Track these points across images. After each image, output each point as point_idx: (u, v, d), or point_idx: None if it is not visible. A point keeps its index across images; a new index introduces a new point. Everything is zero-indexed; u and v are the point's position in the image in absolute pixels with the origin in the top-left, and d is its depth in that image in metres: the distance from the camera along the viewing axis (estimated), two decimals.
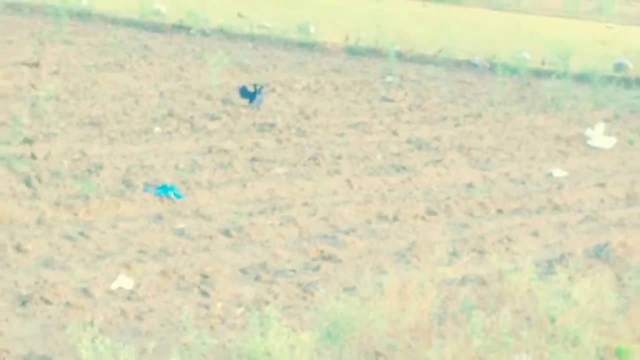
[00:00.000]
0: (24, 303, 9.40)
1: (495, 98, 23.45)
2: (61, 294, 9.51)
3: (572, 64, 26.25)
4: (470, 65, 27.73)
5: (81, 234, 11.53)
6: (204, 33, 29.12)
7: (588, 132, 20.65)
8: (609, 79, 25.52)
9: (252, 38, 29.13)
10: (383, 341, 8.01)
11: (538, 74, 26.36)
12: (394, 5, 39.68)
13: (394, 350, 8.01)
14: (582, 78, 25.77)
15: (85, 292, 9.66)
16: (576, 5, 44.60)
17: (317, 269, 11.19)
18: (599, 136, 20.32)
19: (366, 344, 8.02)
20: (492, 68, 26.76)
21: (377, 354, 8.08)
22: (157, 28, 29.57)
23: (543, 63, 27.29)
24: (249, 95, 20.44)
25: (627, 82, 25.99)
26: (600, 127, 20.66)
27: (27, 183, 13.35)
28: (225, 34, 29.28)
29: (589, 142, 19.93)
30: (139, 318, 9.32)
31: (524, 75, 26.12)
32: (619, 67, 27.73)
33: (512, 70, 26.05)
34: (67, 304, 9.36)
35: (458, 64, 27.62)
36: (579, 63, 26.74)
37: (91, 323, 7.90)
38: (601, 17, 42.06)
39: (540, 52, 28.01)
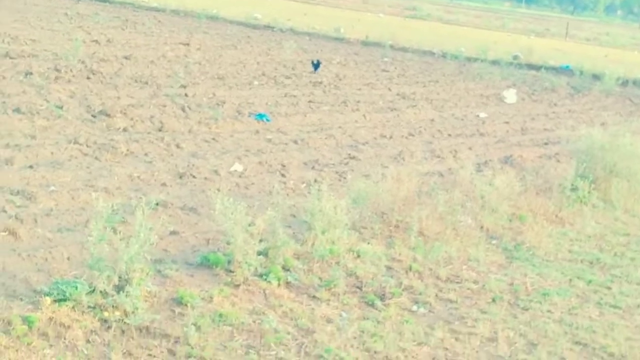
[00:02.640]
0: (180, 177, 14.07)
1: (446, 72, 35.57)
2: (202, 172, 14.44)
3: (489, 55, 40.54)
4: (432, 54, 42.20)
5: (213, 139, 17.18)
6: (281, 30, 44.92)
7: (504, 93, 29.85)
8: (510, 64, 39.42)
9: (308, 34, 44.61)
10: (386, 205, 12.76)
11: (469, 59, 39.94)
12: (390, 19, 67.06)
13: (392, 211, 12.70)
14: (494, 62, 38.97)
15: (215, 172, 14.64)
16: (489, 21, 79.84)
17: (347, 163, 16.91)
18: (509, 95, 29.40)
19: (376, 207, 12.67)
20: (444, 56, 41.55)
21: (382, 212, 12.70)
22: (255, 26, 45.09)
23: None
24: (315, 66, 30.22)
25: (520, 65, 39.98)
26: (510, 91, 30.11)
27: (182, 109, 19.29)
28: (294, 32, 44.62)
29: (504, 99, 28.01)
30: (246, 188, 14.13)
31: (462, 60, 40.12)
32: (515, 57, 42.21)
33: (455, 57, 40.92)
34: (205, 178, 14.22)
35: (425, 53, 42.20)
36: (492, 54, 41.01)
37: (218, 189, 13.36)
38: (504, 29, 72.71)
39: (471, 47, 42.45)
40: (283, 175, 15.43)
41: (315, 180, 15.12)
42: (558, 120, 26.62)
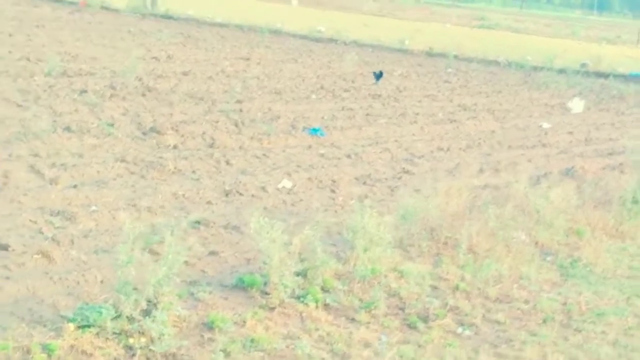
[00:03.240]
0: (226, 194, 13.88)
1: (510, 82, 34.49)
2: (249, 189, 14.23)
3: (555, 63, 39.49)
4: (497, 63, 41.11)
5: (264, 155, 16.95)
6: (345, 43, 43.96)
7: (569, 103, 28.90)
8: (577, 72, 38.05)
9: (372, 46, 43.89)
10: (435, 221, 12.26)
11: (535, 68, 38.81)
12: (456, 29, 66.87)
13: (441, 227, 12.21)
14: (560, 71, 37.64)
15: (263, 189, 14.41)
16: (559, 29, 79.11)
17: (400, 178, 16.54)
18: (575, 105, 28.50)
19: (425, 223, 12.20)
20: (509, 65, 40.31)
21: (432, 229, 12.23)
22: (318, 40, 44.55)
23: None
24: (377, 76, 30.10)
25: (587, 74, 38.54)
26: (575, 100, 29.15)
27: (236, 125, 19.10)
28: (357, 44, 43.73)
29: (570, 109, 26.92)
30: (292, 205, 13.83)
31: (527, 69, 39.00)
32: (583, 65, 40.91)
33: (520, 66, 39.65)
34: (252, 195, 14.02)
35: (490, 63, 41.12)
36: (560, 63, 39.83)
37: (264, 207, 13.11)
38: (574, 37, 70.98)
39: (538, 56, 41.78)
40: (333, 191, 15.13)
41: (366, 196, 14.82)
42: (624, 129, 25.81)
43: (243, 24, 47.63)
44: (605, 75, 38.52)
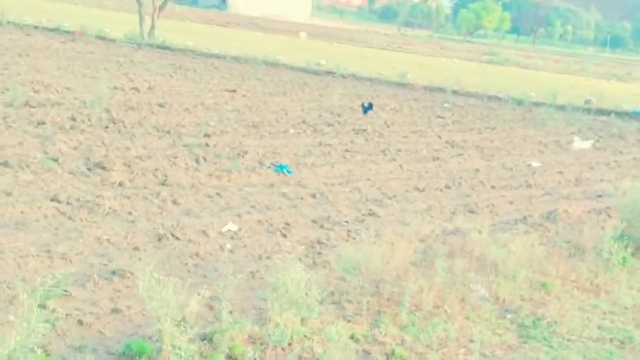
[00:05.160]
0: (159, 239, 12.41)
1: (507, 118, 33.27)
2: (187, 233, 12.84)
3: (558, 100, 38.11)
4: (497, 98, 39.73)
5: (218, 194, 15.70)
6: (343, 76, 43.21)
7: (575, 142, 27.98)
8: (577, 109, 36.71)
9: (371, 80, 43.02)
10: (379, 274, 10.92)
11: (536, 104, 37.64)
12: (460, 64, 67.11)
13: (384, 281, 10.85)
14: (561, 108, 36.55)
15: (204, 232, 13.07)
16: (568, 66, 79.01)
17: (362, 221, 15.20)
18: (580, 142, 27.61)
19: (369, 276, 10.85)
20: (509, 100, 38.80)
21: (378, 282, 10.88)
22: (316, 72, 43.50)
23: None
24: (364, 109, 29.35)
25: (589, 111, 37.26)
26: (577, 139, 28.20)
27: (196, 160, 17.95)
28: (356, 77, 44.18)
29: (574, 146, 25.56)
30: (231, 252, 12.28)
31: (527, 105, 37.93)
32: (587, 102, 39.32)
33: (520, 102, 38.15)
34: (189, 240, 12.55)
35: (490, 98, 39.73)
36: (562, 99, 38.62)
37: (197, 254, 11.84)
38: (583, 73, 69.95)
39: (541, 92, 40.44)
40: (284, 235, 13.82)
41: (319, 241, 13.60)
42: (620, 169, 24.50)
43: (240, 56, 46.70)
44: (607, 113, 37.27)
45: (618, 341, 10.74)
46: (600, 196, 19.98)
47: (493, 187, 19.97)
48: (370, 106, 29.78)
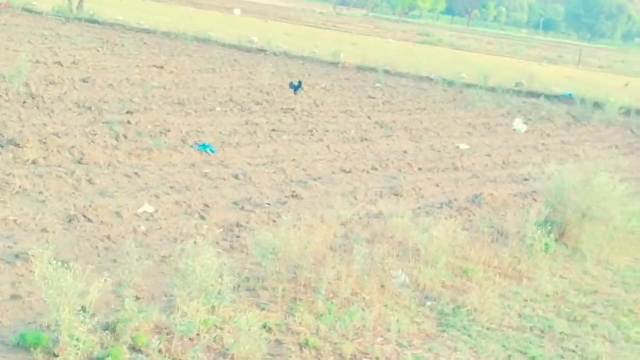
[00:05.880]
0: (70, 220, 11.92)
1: (438, 99, 33.14)
2: (101, 215, 12.29)
3: (489, 82, 38.15)
4: (429, 79, 39.99)
5: (136, 173, 15.15)
6: (275, 54, 43.14)
7: (515, 121, 28.34)
8: (508, 91, 36.65)
9: (303, 58, 42.76)
10: (298, 260, 10.55)
11: (468, 86, 37.48)
12: (394, 44, 67.65)
13: (302, 268, 10.48)
14: (492, 90, 36.50)
15: (118, 214, 12.53)
16: (501, 48, 79.58)
17: (285, 203, 14.82)
18: (519, 125, 27.71)
19: (286, 262, 10.51)
20: (441, 82, 38.92)
21: (295, 268, 10.57)
22: (248, 50, 43.34)
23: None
24: (294, 87, 28.77)
25: (519, 93, 37.39)
26: (519, 120, 28.37)
27: (116, 138, 17.31)
28: (288, 55, 43.32)
29: (513, 128, 25.59)
30: (145, 235, 11.80)
31: (459, 86, 37.91)
32: (518, 84, 39.62)
33: (451, 83, 38.89)
34: (102, 222, 12.04)
35: (421, 79, 39.93)
36: (494, 81, 38.62)
37: (108, 237, 11.36)
38: (515, 56, 70.84)
39: (473, 74, 40.36)
40: (203, 217, 13.34)
41: (239, 224, 13.18)
42: (547, 152, 24.48)
43: (171, 31, 45.88)
44: (538, 95, 37.36)
45: (538, 330, 10.55)
46: (526, 180, 19.87)
47: (420, 169, 19.72)
48: (300, 85, 29.35)
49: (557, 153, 24.37)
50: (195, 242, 9.11)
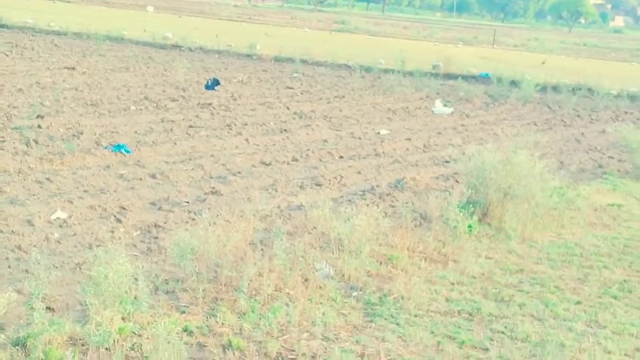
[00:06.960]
0: None
1: (356, 86, 33.05)
2: (11, 224, 11.91)
3: (407, 66, 38.32)
4: (346, 67, 39.98)
5: (48, 179, 14.63)
6: (190, 49, 42.99)
7: (435, 104, 28.54)
8: (425, 74, 36.76)
9: (219, 52, 42.44)
10: (217, 259, 10.22)
11: (385, 71, 37.50)
12: (310, 33, 67.01)
13: (221, 266, 10.14)
14: (410, 74, 36.61)
15: (30, 222, 12.12)
16: (417, 32, 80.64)
17: (204, 200, 14.48)
18: (440, 107, 27.80)
19: (205, 261, 10.18)
20: (358, 69, 38.98)
21: (216, 267, 10.18)
22: (162, 47, 42.81)
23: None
24: (209, 86, 28.32)
25: (437, 76, 37.43)
26: (439, 102, 28.46)
27: (27, 144, 16.73)
28: (204, 50, 43.20)
29: (434, 111, 25.52)
30: (58, 242, 11.41)
31: (376, 72, 38.07)
32: (435, 67, 39.75)
33: (369, 70, 38.98)
34: (12, 231, 11.61)
35: (339, 66, 40.00)
36: (411, 65, 38.74)
37: (19, 247, 10.90)
38: (431, 39, 71.60)
39: (390, 59, 40.75)
40: (119, 220, 12.91)
41: (156, 225, 12.79)
42: (467, 133, 24.51)
43: (82, 32, 45.03)
44: (455, 77, 37.51)
45: (466, 313, 10.38)
46: (447, 162, 19.81)
47: (341, 157, 19.53)
48: (216, 82, 28.92)
49: (477, 133, 24.41)
50: (106, 248, 8.68)
